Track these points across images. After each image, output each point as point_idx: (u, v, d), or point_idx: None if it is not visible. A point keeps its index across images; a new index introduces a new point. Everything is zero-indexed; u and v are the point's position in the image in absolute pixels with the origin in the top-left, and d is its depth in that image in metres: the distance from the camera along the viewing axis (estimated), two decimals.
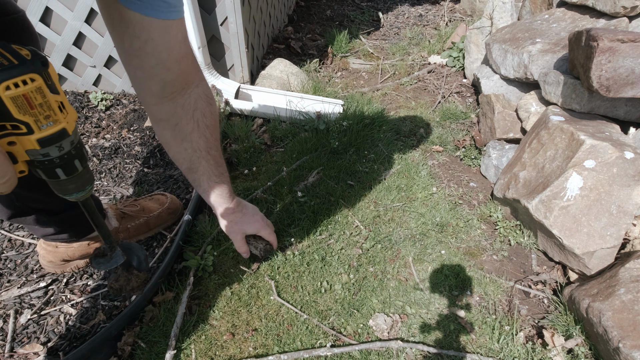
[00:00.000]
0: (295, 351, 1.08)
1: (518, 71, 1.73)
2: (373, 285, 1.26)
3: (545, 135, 1.41)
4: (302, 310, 1.18)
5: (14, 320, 1.12)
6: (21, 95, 0.44)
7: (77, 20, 1.88)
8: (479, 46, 2.25)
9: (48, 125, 0.49)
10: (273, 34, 2.75)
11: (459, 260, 1.35)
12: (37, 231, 1.10)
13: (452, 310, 1.20)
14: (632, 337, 0.95)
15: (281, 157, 1.76)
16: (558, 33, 1.74)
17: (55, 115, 0.49)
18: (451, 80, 2.40)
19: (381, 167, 1.72)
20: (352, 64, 2.66)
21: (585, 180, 1.22)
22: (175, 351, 1.05)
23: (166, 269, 1.22)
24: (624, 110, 1.39)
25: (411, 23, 3.29)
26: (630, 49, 1.16)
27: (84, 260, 1.26)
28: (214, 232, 1.37)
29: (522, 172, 1.44)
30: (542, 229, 1.32)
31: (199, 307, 1.18)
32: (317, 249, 1.34)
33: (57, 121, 0.49)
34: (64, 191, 0.58)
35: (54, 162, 0.52)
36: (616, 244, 1.18)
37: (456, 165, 1.81)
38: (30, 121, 0.47)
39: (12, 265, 1.27)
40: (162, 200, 1.43)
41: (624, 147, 1.23)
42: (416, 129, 2.00)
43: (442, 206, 1.55)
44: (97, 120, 2.00)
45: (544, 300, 1.25)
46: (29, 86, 0.45)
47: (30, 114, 0.46)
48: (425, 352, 1.09)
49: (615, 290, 1.05)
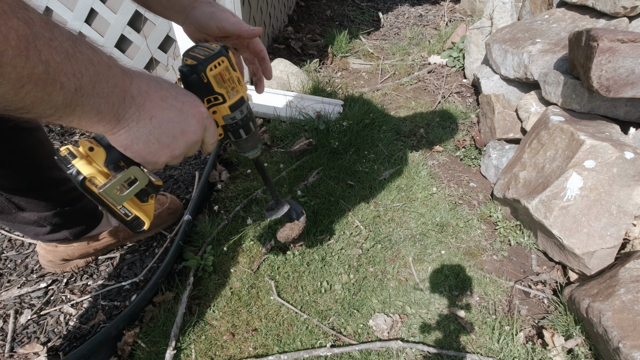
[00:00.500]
0: (295, 351, 1.08)
1: (518, 71, 1.73)
2: (373, 285, 1.26)
3: (545, 135, 1.41)
4: (302, 310, 1.18)
5: (14, 320, 1.12)
6: (218, 73, 0.60)
7: (77, 20, 1.88)
8: (479, 46, 2.25)
9: (233, 95, 0.65)
10: (273, 34, 2.75)
11: (459, 261, 1.35)
12: (30, 232, 1.10)
13: (452, 310, 1.20)
14: (632, 337, 0.95)
15: (281, 157, 1.76)
16: (558, 33, 1.74)
17: (237, 87, 0.65)
18: (451, 81, 2.40)
19: (381, 167, 1.72)
20: (352, 64, 2.66)
21: (585, 180, 1.22)
22: (175, 351, 1.05)
23: (166, 269, 1.22)
24: (624, 110, 1.39)
25: (411, 23, 3.29)
26: (630, 49, 1.16)
27: (84, 259, 1.26)
28: (214, 232, 1.37)
29: (522, 172, 1.44)
30: (542, 229, 1.32)
31: (199, 307, 1.18)
32: (317, 249, 1.34)
33: (238, 91, 0.66)
34: (244, 149, 0.77)
35: (238, 124, 0.70)
36: (616, 244, 1.18)
37: (456, 165, 1.81)
38: (224, 92, 0.63)
39: (12, 265, 1.27)
40: (162, 200, 1.43)
41: (624, 147, 1.23)
42: (416, 129, 2.00)
43: (442, 206, 1.55)
44: None
45: (544, 300, 1.25)
46: (221, 66, 0.60)
47: (223, 87, 0.62)
48: (425, 352, 1.09)
49: (615, 290, 1.05)
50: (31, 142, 0.96)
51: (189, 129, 0.56)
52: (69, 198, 1.11)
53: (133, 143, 0.51)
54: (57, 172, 1.07)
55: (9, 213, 1.00)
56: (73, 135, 1.88)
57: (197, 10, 0.70)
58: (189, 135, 0.56)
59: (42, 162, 1.01)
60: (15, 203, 0.99)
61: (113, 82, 0.45)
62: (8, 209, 0.99)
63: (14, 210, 1.00)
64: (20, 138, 0.93)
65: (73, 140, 1.85)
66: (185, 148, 0.57)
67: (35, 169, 0.98)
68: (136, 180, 0.55)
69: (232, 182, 1.65)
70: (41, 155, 1.00)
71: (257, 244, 1.37)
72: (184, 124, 0.55)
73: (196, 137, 0.57)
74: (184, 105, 0.55)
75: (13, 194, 0.98)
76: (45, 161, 1.02)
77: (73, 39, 0.41)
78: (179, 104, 0.55)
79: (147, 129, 0.51)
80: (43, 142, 1.01)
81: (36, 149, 0.98)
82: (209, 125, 0.60)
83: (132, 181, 0.55)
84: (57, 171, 1.06)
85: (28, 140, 0.95)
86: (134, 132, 0.50)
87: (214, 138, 0.63)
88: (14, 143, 0.91)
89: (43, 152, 1.01)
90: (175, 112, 0.54)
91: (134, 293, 1.21)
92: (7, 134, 0.90)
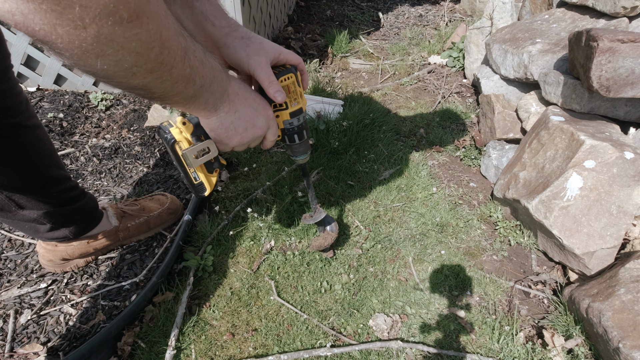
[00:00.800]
0: (295, 351, 1.08)
1: (518, 71, 1.73)
2: (373, 286, 1.26)
3: (545, 135, 1.41)
4: (302, 311, 1.18)
5: (14, 320, 1.12)
6: (286, 85, 0.76)
7: None
8: (479, 46, 2.25)
9: (294, 104, 0.81)
10: (273, 34, 2.75)
11: (459, 261, 1.35)
12: (30, 229, 1.10)
13: (452, 310, 1.20)
14: (632, 337, 0.95)
15: (281, 157, 1.76)
16: (558, 33, 1.74)
17: (299, 99, 0.81)
18: (451, 81, 2.40)
19: (381, 167, 1.72)
20: (352, 64, 2.66)
21: (585, 180, 1.22)
22: (175, 351, 1.05)
23: (166, 269, 1.22)
24: (624, 110, 1.39)
25: (411, 23, 3.29)
26: (630, 49, 1.16)
27: (84, 259, 1.26)
28: (214, 232, 1.38)
29: (522, 172, 1.44)
30: (542, 229, 1.32)
31: (199, 307, 1.18)
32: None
33: (299, 103, 0.82)
34: (295, 153, 0.91)
35: (294, 130, 0.85)
36: (616, 244, 1.18)
37: (456, 165, 1.81)
38: (287, 101, 0.79)
39: (12, 265, 1.27)
40: (163, 200, 1.43)
41: (624, 147, 1.23)
42: (416, 129, 2.00)
43: (442, 206, 1.55)
44: (97, 120, 2.00)
45: (544, 300, 1.25)
46: (289, 81, 0.77)
47: (287, 97, 0.78)
48: (425, 352, 1.09)
49: (615, 290, 1.05)
50: (32, 140, 0.96)
51: (258, 125, 0.72)
52: (69, 197, 1.11)
53: (218, 127, 0.69)
54: (57, 171, 1.07)
55: (9, 211, 1.00)
56: (73, 136, 1.88)
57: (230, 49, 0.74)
58: (257, 130, 0.73)
59: (43, 161, 1.01)
60: (15, 201, 0.99)
61: (221, 83, 0.62)
62: (8, 207, 0.99)
63: (13, 208, 1.00)
64: (22, 136, 0.93)
65: (73, 140, 1.85)
66: (252, 139, 0.73)
67: (35, 167, 0.99)
68: (209, 151, 0.72)
69: (232, 182, 1.65)
70: (41, 154, 1.00)
71: (257, 244, 1.37)
72: (255, 120, 0.72)
73: (261, 132, 0.74)
74: (258, 106, 0.72)
75: (13, 192, 0.98)
76: (45, 159, 1.02)
77: (202, 50, 0.56)
78: (255, 104, 0.71)
79: (231, 119, 0.68)
80: (43, 141, 1.01)
81: (37, 147, 0.98)
82: (272, 125, 0.76)
83: (206, 152, 0.72)
84: (56, 170, 1.06)
85: (29, 138, 0.95)
86: (222, 120, 0.67)
87: (274, 136, 0.79)
88: (15, 141, 0.92)
89: (43, 151, 1.01)
90: (251, 110, 0.70)
91: (134, 293, 1.21)
92: (9, 132, 0.90)
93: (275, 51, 0.75)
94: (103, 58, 0.40)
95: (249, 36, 0.74)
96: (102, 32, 0.37)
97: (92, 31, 0.37)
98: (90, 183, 1.63)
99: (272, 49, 0.75)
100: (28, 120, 0.94)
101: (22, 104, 0.93)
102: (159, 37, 0.44)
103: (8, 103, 0.88)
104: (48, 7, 0.32)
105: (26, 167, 0.96)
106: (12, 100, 0.89)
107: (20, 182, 0.97)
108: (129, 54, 0.42)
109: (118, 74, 0.44)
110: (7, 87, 0.88)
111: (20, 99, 0.92)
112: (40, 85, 2.16)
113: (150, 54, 0.44)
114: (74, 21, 0.35)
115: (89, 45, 0.38)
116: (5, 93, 0.87)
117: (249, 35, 0.74)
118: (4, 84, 0.87)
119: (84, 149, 1.80)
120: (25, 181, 0.98)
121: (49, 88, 2.17)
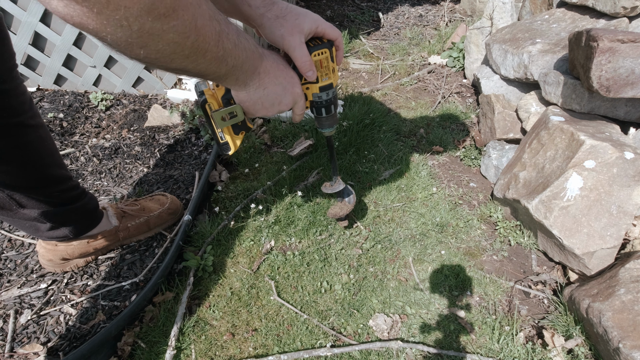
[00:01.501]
0: (295, 351, 1.08)
1: (518, 71, 1.73)
2: (373, 286, 1.26)
3: (545, 135, 1.41)
4: (302, 311, 1.18)
5: (14, 320, 1.12)
6: (318, 60, 0.78)
7: None
8: (479, 46, 2.25)
9: (325, 79, 0.83)
10: None
11: (459, 261, 1.35)
12: (30, 228, 1.10)
13: (452, 310, 1.20)
14: (632, 337, 0.95)
15: (281, 157, 1.76)
16: (558, 33, 1.74)
17: (330, 74, 0.82)
18: (451, 81, 2.40)
19: (381, 167, 1.72)
20: (352, 64, 2.66)
21: (585, 180, 1.22)
22: (175, 351, 1.05)
23: (166, 269, 1.22)
24: (624, 110, 1.39)
25: (411, 23, 3.29)
26: (630, 49, 1.16)
27: (84, 259, 1.26)
28: (214, 232, 1.38)
29: (522, 172, 1.44)
30: (542, 229, 1.32)
31: (199, 307, 1.18)
32: (317, 249, 1.34)
33: (330, 78, 0.83)
34: (322, 125, 0.95)
35: (322, 103, 0.87)
36: (616, 244, 1.18)
37: (456, 165, 1.81)
38: (318, 75, 0.81)
39: (12, 265, 1.27)
40: (163, 200, 1.43)
41: (624, 148, 1.23)
42: (416, 129, 2.00)
43: (442, 206, 1.55)
44: (97, 120, 2.00)
45: (544, 300, 1.25)
46: (322, 56, 0.78)
47: (319, 71, 0.80)
48: (425, 353, 1.09)
49: (615, 290, 1.05)
50: (35, 139, 0.97)
51: (284, 101, 0.77)
52: (70, 196, 1.11)
53: (246, 100, 0.74)
54: (58, 170, 1.07)
55: (10, 209, 1.01)
56: (73, 136, 1.88)
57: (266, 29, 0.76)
58: (282, 106, 0.78)
59: (44, 160, 1.01)
60: (16, 200, 0.99)
61: (253, 62, 0.66)
62: (9, 205, 1.00)
63: (14, 207, 1.00)
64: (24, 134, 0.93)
65: (73, 140, 1.85)
66: (276, 112, 0.79)
67: (37, 165, 0.99)
68: (236, 115, 0.77)
69: (232, 182, 1.65)
70: (43, 153, 1.01)
71: (257, 244, 1.37)
72: (282, 97, 0.76)
73: (286, 108, 0.79)
74: (287, 84, 0.75)
75: (15, 191, 0.98)
76: (47, 159, 1.02)
77: (238, 32, 0.60)
78: (285, 82, 0.75)
79: (259, 94, 0.73)
80: (46, 140, 1.01)
81: (39, 146, 0.99)
82: (298, 101, 0.80)
83: (233, 115, 0.77)
84: (58, 169, 1.07)
85: (32, 137, 0.96)
86: (251, 94, 0.73)
87: (302, 110, 0.84)
88: (18, 139, 0.92)
89: (45, 150, 1.01)
90: (280, 88, 0.74)
91: (134, 293, 1.21)
92: (12, 130, 0.91)
93: (311, 25, 0.76)
94: (146, 48, 0.46)
95: (284, 14, 0.74)
96: (143, 28, 0.43)
97: (136, 27, 0.42)
98: (90, 183, 1.63)
99: (309, 24, 0.75)
100: (31, 119, 0.95)
101: (26, 103, 0.93)
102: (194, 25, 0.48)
103: (12, 102, 0.89)
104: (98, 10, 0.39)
105: (28, 165, 0.97)
106: (16, 100, 0.90)
107: (22, 181, 0.97)
108: (168, 44, 0.47)
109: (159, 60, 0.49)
110: (11, 87, 0.88)
111: (24, 99, 0.93)
112: (40, 85, 2.16)
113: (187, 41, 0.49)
114: (120, 21, 0.40)
115: (134, 40, 0.43)
116: (9, 92, 0.88)
117: (284, 13, 0.74)
118: (9, 83, 0.87)
119: (84, 149, 1.80)
120: (27, 180, 0.98)
121: (49, 88, 2.17)
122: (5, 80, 0.86)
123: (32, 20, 1.88)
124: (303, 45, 0.74)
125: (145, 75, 2.11)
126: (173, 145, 1.85)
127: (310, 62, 0.77)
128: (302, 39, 0.74)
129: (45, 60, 2.03)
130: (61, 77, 2.13)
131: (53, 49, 1.98)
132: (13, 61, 0.89)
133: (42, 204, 1.04)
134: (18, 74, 0.91)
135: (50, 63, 2.04)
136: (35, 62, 2.07)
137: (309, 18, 0.75)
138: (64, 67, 2.06)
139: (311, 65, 0.77)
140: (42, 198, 1.03)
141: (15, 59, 0.90)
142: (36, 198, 1.02)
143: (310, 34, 0.76)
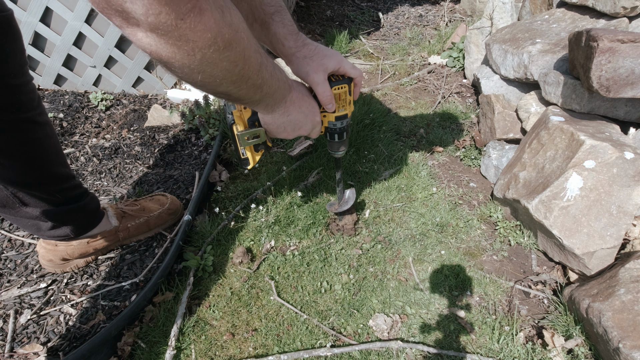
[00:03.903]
0: (295, 351, 1.08)
1: (518, 71, 1.73)
2: (373, 286, 1.26)
3: (545, 135, 1.41)
4: (302, 311, 1.18)
5: (14, 320, 1.12)
6: (338, 93, 0.89)
7: (77, 21, 1.88)
8: (479, 46, 2.25)
9: (342, 110, 0.94)
10: None
11: (459, 261, 1.35)
12: (32, 227, 1.10)
13: (452, 310, 1.20)
14: (632, 337, 0.95)
15: (281, 157, 1.76)
16: (558, 33, 1.74)
17: (346, 106, 0.94)
18: (451, 81, 2.40)
19: (381, 167, 1.72)
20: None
21: (585, 180, 1.22)
22: (175, 351, 1.05)
23: (166, 269, 1.22)
24: (624, 110, 1.39)
25: (411, 23, 3.29)
26: (630, 49, 1.16)
27: (84, 259, 1.26)
28: (214, 232, 1.38)
29: (522, 172, 1.44)
30: (542, 229, 1.32)
31: (199, 307, 1.18)
32: (317, 249, 1.34)
33: (346, 109, 0.95)
34: (333, 149, 1.07)
35: (336, 130, 1.00)
36: (616, 244, 1.18)
37: (456, 165, 1.81)
38: (336, 106, 0.92)
39: (12, 265, 1.27)
40: (163, 200, 1.43)
41: (624, 148, 1.23)
42: (416, 129, 2.00)
43: (442, 206, 1.55)
44: (97, 120, 2.00)
45: (544, 300, 1.25)
46: (341, 90, 0.89)
47: (337, 103, 0.91)
48: (425, 353, 1.09)
49: (615, 290, 1.05)
50: (41, 137, 0.97)
51: (304, 127, 0.89)
52: (72, 195, 1.11)
53: (270, 123, 0.84)
54: (62, 169, 1.07)
55: (13, 207, 1.01)
56: (73, 136, 1.88)
57: (295, 65, 0.87)
58: (302, 131, 0.90)
59: (50, 157, 1.02)
60: (19, 198, 1.00)
61: (282, 92, 0.76)
62: (12, 204, 1.00)
63: (17, 205, 1.01)
64: (33, 131, 0.94)
65: (73, 140, 1.85)
66: (295, 136, 0.90)
67: (42, 163, 1.00)
68: (259, 136, 0.87)
69: (232, 182, 1.65)
70: (49, 151, 1.01)
71: (257, 244, 1.37)
72: (303, 123, 0.87)
73: (305, 132, 0.91)
74: (309, 112, 0.87)
75: (19, 188, 0.99)
76: (52, 157, 1.03)
77: (274, 65, 0.69)
78: (307, 111, 0.86)
79: (283, 120, 0.84)
80: (52, 138, 1.02)
81: (45, 143, 0.99)
82: (316, 127, 0.93)
83: (256, 136, 0.86)
84: (62, 167, 1.07)
85: (39, 134, 0.96)
86: (276, 119, 0.83)
87: (317, 134, 0.97)
88: (26, 135, 0.93)
89: (51, 148, 1.02)
90: (302, 115, 0.86)
91: (134, 293, 1.21)
92: (21, 126, 0.92)
93: (335, 65, 0.87)
94: (203, 74, 0.54)
95: (312, 55, 0.86)
96: (205, 58, 0.51)
97: (199, 57, 0.50)
98: (90, 183, 1.63)
99: (333, 64, 0.87)
100: (39, 116, 0.96)
101: (35, 100, 0.94)
102: (243, 56, 0.57)
103: (22, 98, 0.90)
104: (172, 43, 0.47)
105: (34, 162, 0.98)
106: (26, 96, 0.91)
107: (26, 178, 0.98)
108: (220, 71, 0.55)
109: (210, 84, 0.57)
110: (22, 82, 0.89)
111: (33, 95, 0.94)
112: (40, 85, 2.16)
113: (235, 69, 0.57)
114: (187, 51, 0.49)
115: (195, 67, 0.52)
116: (20, 88, 0.89)
117: (312, 54, 0.86)
118: (20, 79, 0.88)
119: (84, 149, 1.80)
120: (31, 177, 0.99)
121: (49, 88, 2.17)
122: (17, 75, 0.87)
123: (32, 20, 1.88)
124: (326, 82, 0.86)
125: (145, 75, 2.11)
126: (173, 145, 1.85)
127: (331, 96, 0.88)
128: (325, 76, 0.86)
129: (45, 60, 2.03)
130: (61, 77, 2.13)
131: (53, 49, 1.98)
132: (24, 57, 0.90)
133: (44, 202, 1.04)
134: (28, 71, 0.92)
135: (50, 63, 2.04)
136: (35, 62, 2.07)
137: (334, 60, 0.87)
138: (64, 67, 2.06)
139: (331, 99, 0.88)
140: (44, 196, 1.03)
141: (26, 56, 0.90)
142: (39, 196, 1.02)
143: (333, 72, 0.88)
